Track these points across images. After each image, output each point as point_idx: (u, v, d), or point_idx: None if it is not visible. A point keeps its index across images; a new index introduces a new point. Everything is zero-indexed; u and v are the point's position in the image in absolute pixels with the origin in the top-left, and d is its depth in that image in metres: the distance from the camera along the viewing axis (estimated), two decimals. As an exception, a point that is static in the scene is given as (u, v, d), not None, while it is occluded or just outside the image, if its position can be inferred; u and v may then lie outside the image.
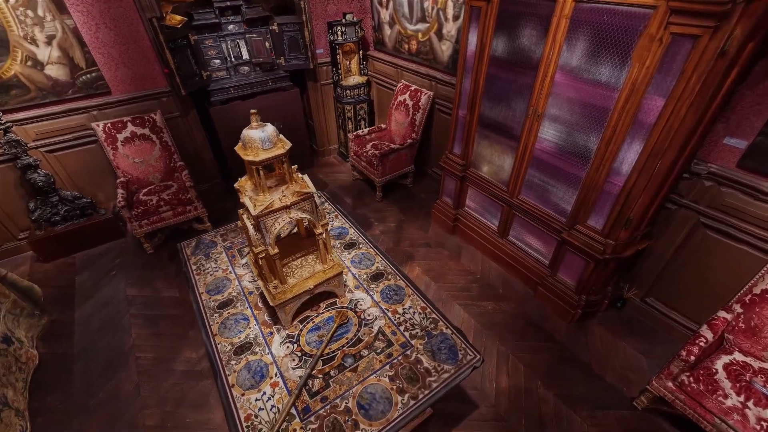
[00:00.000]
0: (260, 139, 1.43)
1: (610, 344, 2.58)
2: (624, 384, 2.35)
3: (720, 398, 1.83)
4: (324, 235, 1.75)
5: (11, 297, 2.60)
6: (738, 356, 1.97)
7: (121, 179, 3.37)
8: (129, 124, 3.40)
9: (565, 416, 2.20)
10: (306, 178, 1.65)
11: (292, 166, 1.64)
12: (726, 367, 1.92)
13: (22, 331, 2.57)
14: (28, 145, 3.11)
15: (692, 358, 1.90)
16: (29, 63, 2.95)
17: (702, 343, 1.93)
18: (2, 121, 2.87)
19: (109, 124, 3.33)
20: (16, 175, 3.19)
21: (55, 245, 3.39)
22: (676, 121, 1.77)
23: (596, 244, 2.31)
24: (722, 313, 2.04)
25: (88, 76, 3.20)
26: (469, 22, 2.59)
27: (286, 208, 1.55)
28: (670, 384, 1.99)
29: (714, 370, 1.91)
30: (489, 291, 3.02)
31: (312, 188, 1.61)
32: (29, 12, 2.81)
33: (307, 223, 1.82)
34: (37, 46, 2.93)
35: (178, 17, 2.84)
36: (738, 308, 2.02)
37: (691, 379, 1.92)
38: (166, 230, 3.60)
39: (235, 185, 1.63)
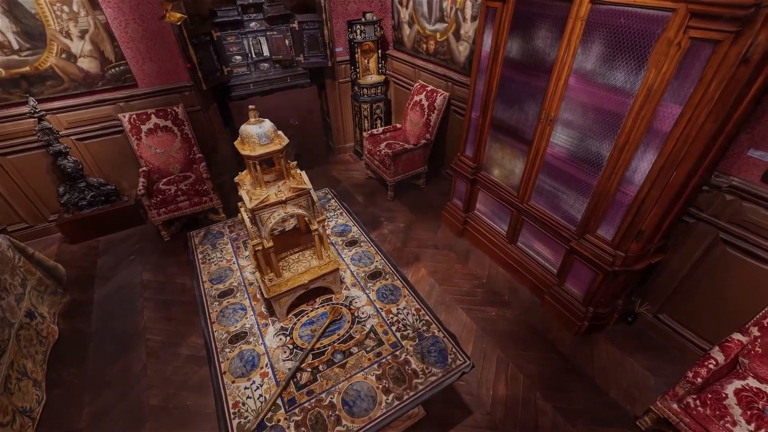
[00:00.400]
0: (257, 134, 1.46)
1: (616, 359, 2.48)
2: (628, 402, 2.25)
3: (728, 425, 1.72)
4: (320, 230, 1.77)
5: (37, 275, 2.78)
6: (752, 382, 1.85)
7: (143, 168, 3.53)
8: (153, 116, 3.55)
9: (563, 430, 2.14)
10: (304, 174, 1.68)
11: (291, 162, 1.67)
12: (737, 392, 1.81)
13: (45, 308, 2.75)
14: (60, 133, 3.31)
15: (699, 380, 1.80)
16: (63, 55, 3.14)
17: (711, 366, 1.83)
18: (37, 110, 3.07)
19: (134, 116, 3.49)
20: (48, 161, 3.40)
21: (81, 228, 3.59)
22: (694, 130, 1.68)
23: (605, 255, 2.23)
24: (737, 336, 1.92)
25: (117, 69, 3.36)
26: (484, 23, 2.55)
27: (282, 203, 1.58)
28: (674, 406, 1.90)
29: (724, 395, 1.81)
30: (494, 297, 2.96)
31: (308, 185, 1.63)
32: (65, 7, 2.99)
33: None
34: (71, 39, 3.11)
35: (177, 15, 2.91)
36: (755, 331, 1.89)
37: (697, 402, 1.82)
38: (183, 219, 3.74)
39: (235, 179, 1.67)
